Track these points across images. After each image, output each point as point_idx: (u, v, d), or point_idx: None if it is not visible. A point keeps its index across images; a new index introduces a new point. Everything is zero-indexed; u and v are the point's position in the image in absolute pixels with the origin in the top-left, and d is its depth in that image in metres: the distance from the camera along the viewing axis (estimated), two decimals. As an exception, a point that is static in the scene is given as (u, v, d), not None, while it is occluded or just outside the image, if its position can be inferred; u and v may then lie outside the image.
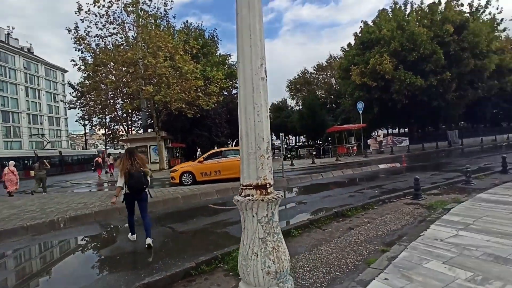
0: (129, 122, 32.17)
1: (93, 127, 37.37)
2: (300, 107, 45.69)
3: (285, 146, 29.34)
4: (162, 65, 19.26)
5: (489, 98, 30.71)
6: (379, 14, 26.06)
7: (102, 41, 21.23)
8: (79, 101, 30.87)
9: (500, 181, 8.66)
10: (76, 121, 33.61)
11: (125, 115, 30.24)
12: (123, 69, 20.55)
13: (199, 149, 31.74)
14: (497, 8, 25.58)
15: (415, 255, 3.93)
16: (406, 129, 33.21)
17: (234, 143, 35.50)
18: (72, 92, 32.47)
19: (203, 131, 25.89)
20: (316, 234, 5.31)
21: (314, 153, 23.64)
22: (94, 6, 20.09)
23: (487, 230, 4.61)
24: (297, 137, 57.50)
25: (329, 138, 27.43)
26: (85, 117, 31.97)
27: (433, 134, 28.83)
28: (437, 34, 21.76)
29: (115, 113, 27.91)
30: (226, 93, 31.04)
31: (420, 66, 21.67)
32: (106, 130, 34.19)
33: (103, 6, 20.04)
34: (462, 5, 24.10)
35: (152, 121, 23.61)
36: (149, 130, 25.58)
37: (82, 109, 30.72)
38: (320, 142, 31.31)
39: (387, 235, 5.01)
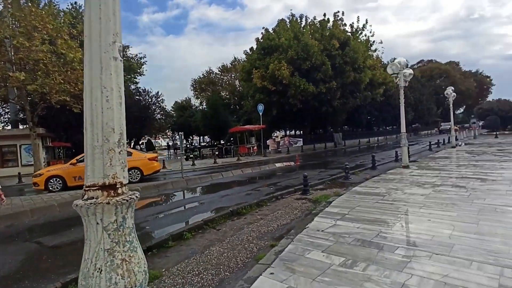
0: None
1: None
2: (204, 106, 45.44)
3: (187, 146, 28.67)
4: (39, 49, 16.20)
5: (365, 106, 36.49)
6: (279, 24, 28.02)
7: None
8: None
9: (370, 175, 10.21)
10: None
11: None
12: (-18, 48, 16.49)
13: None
14: (370, 32, 30.65)
15: (299, 247, 4.18)
16: (301, 131, 36.58)
17: (133, 142, 32.73)
18: None
19: (94, 128, 22.92)
20: (210, 235, 5.17)
21: (217, 153, 23.72)
22: None
23: (358, 218, 5.28)
24: (201, 137, 56.89)
25: (232, 138, 28.04)
26: None
27: (322, 136, 32.58)
28: (326, 47, 24.66)
29: (-31, 103, 22.22)
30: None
31: (312, 74, 24.17)
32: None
33: None
34: (345, 25, 28.03)
35: (24, 115, 19.68)
36: (21, 126, 21.30)
37: None
38: (223, 142, 31.72)
39: (277, 230, 5.24)
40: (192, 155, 24.52)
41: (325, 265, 3.56)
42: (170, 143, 58.49)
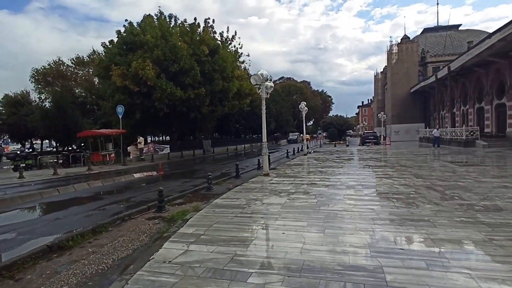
0: None
1: None
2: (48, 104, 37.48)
3: (17, 152, 22.48)
4: None
5: (233, 115, 38.04)
6: (145, 19, 25.66)
7: None
8: None
9: (233, 185, 10.04)
10: None
11: None
12: None
13: None
14: (239, 44, 32.10)
15: (134, 293, 3.21)
16: (168, 137, 34.80)
17: None
18: None
19: None
20: (0, 291, 3.52)
21: (61, 161, 19.39)
22: None
23: (214, 239, 4.69)
24: (48, 141, 46.61)
25: (83, 144, 23.75)
26: None
27: (191, 142, 31.86)
28: (196, 52, 24.11)
29: None
30: None
31: (181, 78, 23.11)
32: None
33: None
34: (215, 33, 28.39)
35: None
36: None
37: None
38: (72, 148, 26.47)
39: (111, 267, 4.05)
40: (23, 164, 19.23)
41: (163, 316, 2.74)
42: (-3, 148, 45.47)
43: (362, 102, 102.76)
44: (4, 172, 17.83)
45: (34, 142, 49.30)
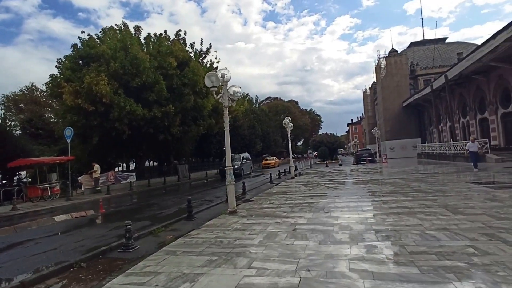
0: None
1: None
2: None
3: None
4: None
5: (214, 135, 34.63)
6: (107, 32, 22.64)
7: None
8: None
9: (174, 236, 6.53)
10: None
11: None
12: None
13: None
14: (216, 58, 29.30)
15: None
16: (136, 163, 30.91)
17: None
18: None
19: None
20: None
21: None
22: None
23: None
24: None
25: (25, 176, 19.78)
26: None
27: (164, 168, 28.07)
28: (162, 65, 20.96)
29: None
30: None
31: (144, 94, 19.80)
32: None
33: None
34: (186, 45, 25.48)
35: None
36: None
37: None
38: (6, 181, 22.20)
39: None
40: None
41: None
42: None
43: (352, 120, 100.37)
44: None
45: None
